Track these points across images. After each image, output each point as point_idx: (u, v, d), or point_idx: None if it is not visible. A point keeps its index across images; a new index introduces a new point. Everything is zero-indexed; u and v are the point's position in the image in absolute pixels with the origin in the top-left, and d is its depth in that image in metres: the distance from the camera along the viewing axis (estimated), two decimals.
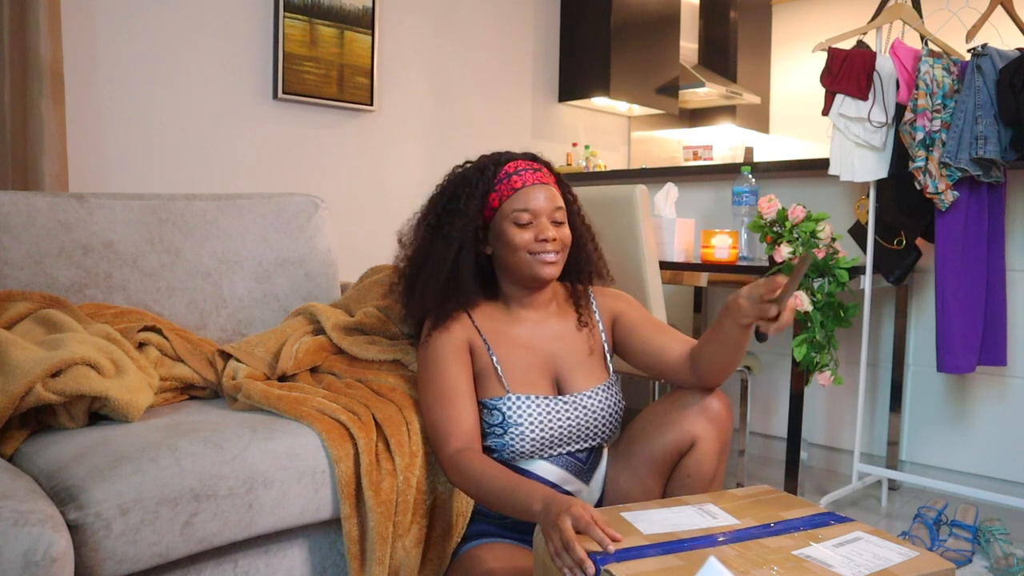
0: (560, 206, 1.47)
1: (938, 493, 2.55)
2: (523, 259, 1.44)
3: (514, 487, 1.28)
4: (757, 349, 2.95)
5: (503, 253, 1.47)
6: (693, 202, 3.08)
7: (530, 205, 1.43)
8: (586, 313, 1.57)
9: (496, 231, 1.46)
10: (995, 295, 2.20)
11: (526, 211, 1.43)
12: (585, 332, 1.55)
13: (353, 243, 3.04)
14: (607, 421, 1.50)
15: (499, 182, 1.46)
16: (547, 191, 1.46)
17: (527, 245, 1.43)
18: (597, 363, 1.55)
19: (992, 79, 2.07)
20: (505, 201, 1.45)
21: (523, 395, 1.45)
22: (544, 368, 1.50)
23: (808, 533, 1.16)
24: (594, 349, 1.55)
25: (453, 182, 1.51)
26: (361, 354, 1.71)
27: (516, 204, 1.44)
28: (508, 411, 1.43)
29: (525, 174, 1.46)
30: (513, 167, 1.47)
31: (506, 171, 1.46)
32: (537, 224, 1.44)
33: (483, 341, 1.49)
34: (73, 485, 1.17)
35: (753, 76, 5.00)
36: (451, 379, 1.44)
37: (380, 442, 1.45)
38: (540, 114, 4.00)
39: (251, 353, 1.70)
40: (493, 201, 1.46)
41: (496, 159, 1.50)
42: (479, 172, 1.48)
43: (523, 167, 1.47)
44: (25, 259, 1.70)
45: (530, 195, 1.44)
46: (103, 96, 2.56)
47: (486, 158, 1.51)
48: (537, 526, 1.20)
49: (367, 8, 3.13)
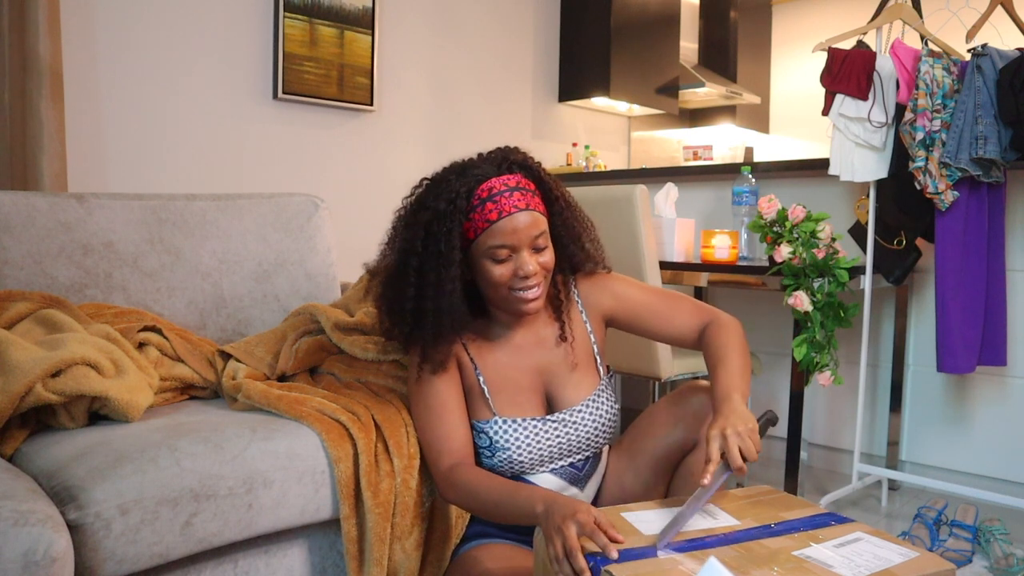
0: (542, 230, 1.35)
1: (938, 493, 2.55)
2: (503, 295, 1.37)
3: (512, 493, 1.26)
4: (757, 349, 2.95)
5: (483, 286, 1.39)
6: (693, 202, 3.08)
7: (507, 240, 1.32)
8: (571, 316, 1.50)
9: (474, 263, 1.37)
10: (995, 295, 2.20)
11: (503, 247, 1.32)
12: (571, 337, 1.49)
13: (353, 243, 3.03)
14: (601, 432, 1.47)
15: (472, 210, 1.33)
16: (525, 218, 1.32)
17: (507, 282, 1.35)
18: (587, 368, 1.50)
19: (992, 79, 2.07)
20: (481, 234, 1.33)
21: (510, 419, 1.42)
22: (532, 386, 1.46)
23: (808, 534, 1.16)
24: (583, 353, 1.50)
25: (425, 218, 1.35)
26: (361, 354, 1.71)
27: (492, 240, 1.32)
28: (495, 436, 1.41)
29: (500, 199, 1.32)
30: (487, 190, 1.33)
31: (479, 196, 1.33)
32: (517, 258, 1.34)
33: (470, 360, 1.45)
34: (73, 485, 1.17)
35: (753, 76, 5.00)
36: (440, 395, 1.42)
37: (379, 443, 1.44)
38: (540, 114, 4.00)
39: (251, 353, 1.70)
40: (468, 232, 1.34)
41: (467, 182, 1.34)
42: (450, 203, 1.33)
43: (497, 189, 1.33)
44: (25, 259, 1.70)
45: (506, 228, 1.32)
46: (103, 96, 2.56)
47: (455, 177, 1.36)
48: (538, 526, 1.19)
49: (367, 8, 3.13)
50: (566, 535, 1.08)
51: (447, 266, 1.33)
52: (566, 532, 1.08)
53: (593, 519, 1.09)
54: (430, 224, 1.34)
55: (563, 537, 1.08)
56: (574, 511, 1.11)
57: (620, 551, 1.08)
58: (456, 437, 1.40)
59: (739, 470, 1.17)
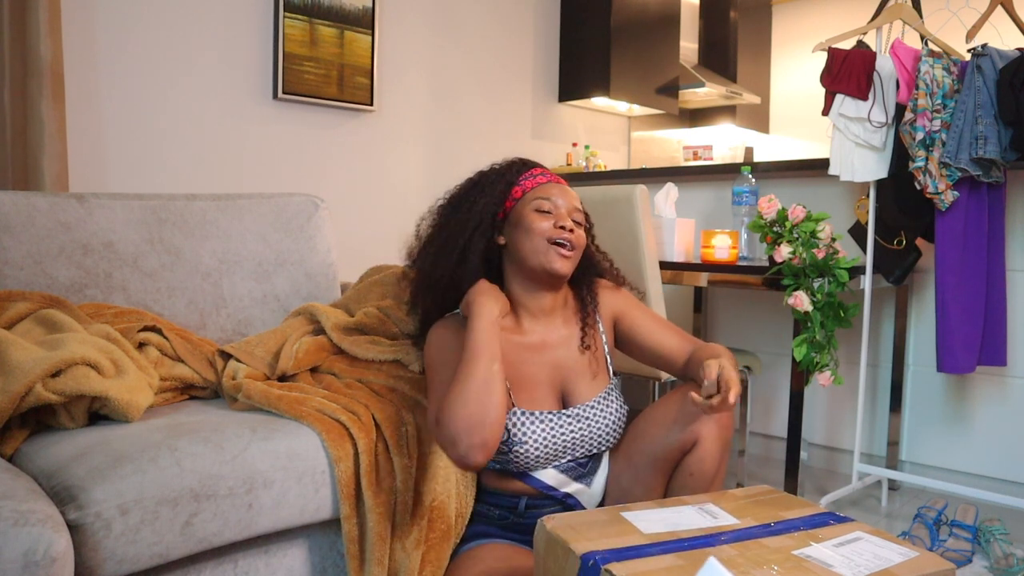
0: (579, 208, 1.52)
1: (938, 493, 2.55)
2: (540, 246, 1.44)
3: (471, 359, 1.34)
4: (757, 349, 2.95)
5: (519, 239, 1.46)
6: (693, 202, 3.08)
7: (553, 197, 1.48)
8: (591, 318, 1.57)
9: (515, 219, 1.48)
10: (995, 295, 2.20)
11: (548, 200, 1.47)
12: (594, 346, 1.55)
13: (353, 243, 3.04)
14: (610, 431, 1.50)
15: (524, 178, 1.51)
16: (569, 193, 1.51)
17: (546, 232, 1.44)
18: (600, 368, 1.55)
19: (992, 79, 2.07)
20: (528, 192, 1.50)
21: (528, 411, 1.45)
22: (550, 380, 1.50)
23: (808, 533, 1.16)
24: (598, 353, 1.56)
25: (478, 174, 1.55)
26: (361, 354, 1.71)
27: (540, 193, 1.48)
28: (513, 428, 1.42)
29: (549, 175, 1.54)
30: (539, 170, 1.54)
31: (531, 172, 1.53)
32: (557, 214, 1.46)
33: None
34: (73, 485, 1.17)
35: (753, 76, 5.00)
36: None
37: (380, 443, 1.45)
38: (540, 114, 4.00)
39: (251, 353, 1.70)
40: (516, 192, 1.50)
41: (521, 161, 1.56)
42: (504, 168, 1.54)
43: (547, 173, 1.54)
44: (25, 259, 1.70)
45: (553, 190, 1.49)
46: (103, 96, 2.56)
47: (494, 168, 1.56)
48: (537, 525, 1.19)
49: (367, 8, 3.13)
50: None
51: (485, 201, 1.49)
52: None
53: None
54: (482, 176, 1.54)
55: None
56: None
57: (620, 550, 1.08)
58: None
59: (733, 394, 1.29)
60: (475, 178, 1.55)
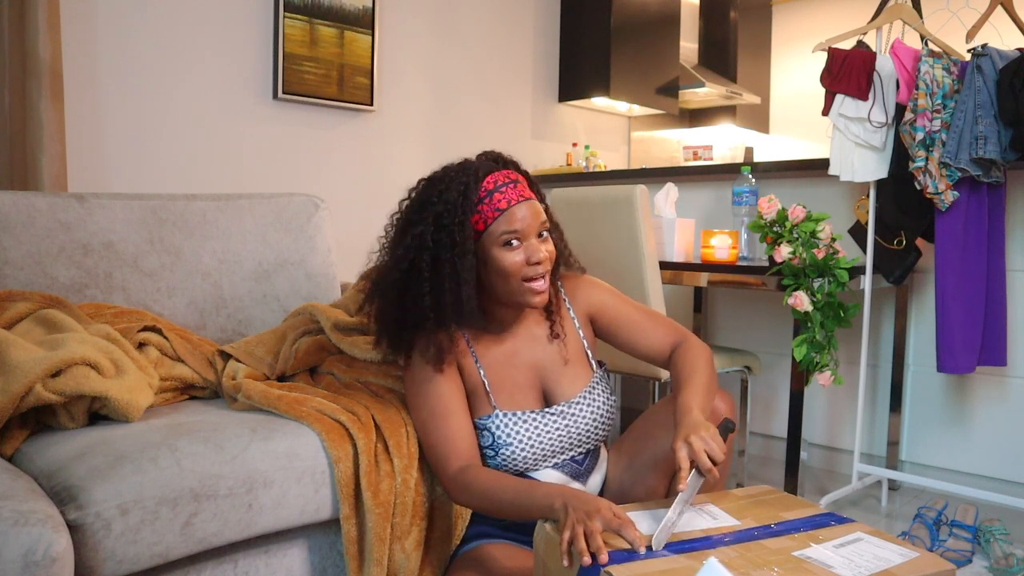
0: (543, 219, 1.40)
1: (938, 493, 2.54)
2: (515, 287, 1.38)
3: (528, 490, 1.25)
4: (757, 349, 2.95)
5: (493, 279, 1.39)
6: (693, 202, 3.08)
7: (516, 226, 1.36)
8: (561, 313, 1.53)
9: (483, 256, 1.38)
10: (995, 295, 2.20)
11: (514, 233, 1.36)
12: (563, 334, 1.52)
13: (353, 243, 3.03)
14: (598, 425, 1.49)
15: (480, 202, 1.36)
16: (530, 207, 1.38)
17: (519, 270, 1.36)
18: (580, 363, 1.53)
19: (992, 79, 2.07)
20: (491, 224, 1.36)
21: (510, 412, 1.44)
22: (529, 381, 1.49)
23: (809, 534, 1.16)
24: (575, 349, 1.53)
25: (435, 211, 1.37)
26: (360, 354, 1.71)
27: (503, 226, 1.35)
28: (496, 430, 1.42)
29: (506, 190, 1.37)
30: (492, 182, 1.37)
31: (486, 188, 1.37)
32: (526, 245, 1.37)
33: (472, 355, 1.47)
34: (73, 485, 1.17)
35: (753, 76, 5.00)
36: (443, 397, 1.41)
37: (379, 443, 1.44)
38: (540, 114, 4.00)
39: (251, 353, 1.70)
40: (477, 224, 1.36)
41: (473, 174, 1.38)
42: (460, 194, 1.36)
43: (501, 181, 1.38)
44: (25, 259, 1.70)
45: (515, 215, 1.36)
46: (103, 96, 2.56)
47: (457, 172, 1.40)
48: (537, 525, 1.19)
49: (367, 8, 3.13)
50: (590, 528, 1.08)
51: (463, 255, 1.34)
52: (591, 527, 1.08)
53: (617, 516, 1.10)
54: (440, 217, 1.36)
55: (587, 529, 1.08)
56: (597, 507, 1.11)
57: (619, 550, 1.08)
58: (462, 438, 1.40)
59: (709, 471, 1.18)
60: (429, 209, 1.37)
